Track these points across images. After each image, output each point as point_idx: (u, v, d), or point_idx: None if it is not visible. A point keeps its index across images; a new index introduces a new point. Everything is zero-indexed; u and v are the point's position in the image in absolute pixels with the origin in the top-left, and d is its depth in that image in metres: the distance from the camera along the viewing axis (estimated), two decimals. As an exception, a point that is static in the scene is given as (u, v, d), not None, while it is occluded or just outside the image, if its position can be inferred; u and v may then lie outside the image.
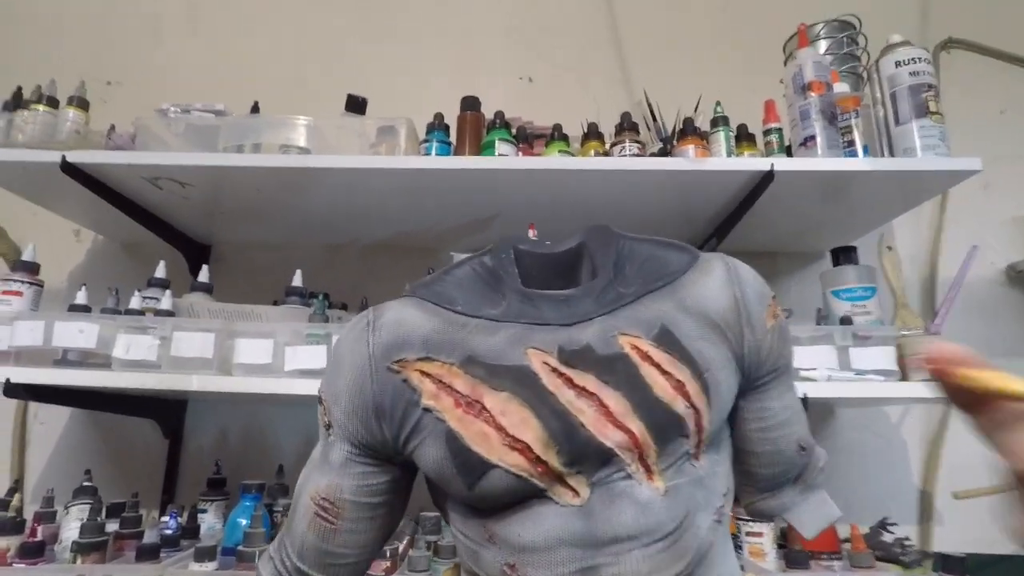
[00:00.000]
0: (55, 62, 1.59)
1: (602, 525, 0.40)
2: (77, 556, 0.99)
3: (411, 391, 0.45)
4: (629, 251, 0.49)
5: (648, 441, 0.41)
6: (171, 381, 1.00)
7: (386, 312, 0.48)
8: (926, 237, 1.50)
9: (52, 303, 1.27)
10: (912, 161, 1.07)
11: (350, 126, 1.18)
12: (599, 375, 0.42)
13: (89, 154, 1.11)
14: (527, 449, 0.41)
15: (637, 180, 1.11)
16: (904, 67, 1.12)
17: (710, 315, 0.46)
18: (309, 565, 0.49)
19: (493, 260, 0.49)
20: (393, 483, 0.50)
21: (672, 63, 1.63)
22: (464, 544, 0.46)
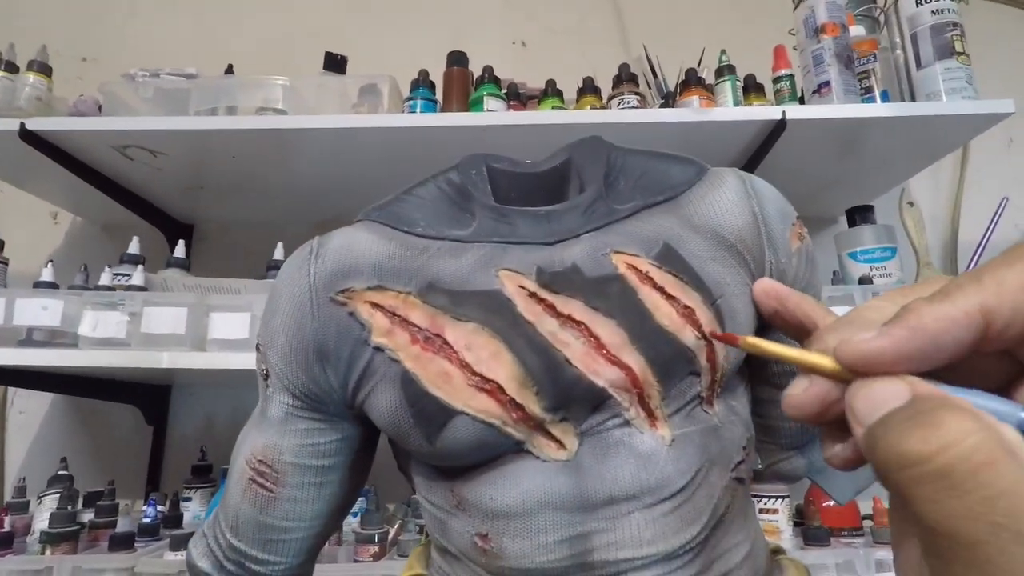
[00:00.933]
0: (27, 38, 1.52)
1: (594, 483, 0.33)
2: (46, 547, 0.93)
3: (359, 327, 0.37)
4: (623, 164, 0.41)
5: (650, 379, 0.33)
6: (140, 359, 0.93)
7: (333, 238, 0.41)
8: (946, 197, 1.41)
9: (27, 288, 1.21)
10: (937, 105, 0.98)
11: (330, 85, 1.11)
12: (588, 300, 0.34)
13: (50, 121, 1.04)
14: (498, 390, 0.33)
15: (637, 134, 1.03)
16: (926, 5, 1.03)
17: (723, 233, 0.38)
18: (245, 542, 0.42)
19: (461, 176, 0.42)
20: (344, 442, 0.42)
21: (673, 24, 1.54)
22: (431, 513, 0.38)
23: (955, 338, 0.18)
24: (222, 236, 1.46)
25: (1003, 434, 0.16)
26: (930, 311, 0.19)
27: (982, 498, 0.15)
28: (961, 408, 0.17)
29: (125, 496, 1.23)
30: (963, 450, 0.15)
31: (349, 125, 1.01)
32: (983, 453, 0.15)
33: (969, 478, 0.15)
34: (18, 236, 1.32)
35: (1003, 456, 0.15)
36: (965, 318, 0.18)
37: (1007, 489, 0.15)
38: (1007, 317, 0.18)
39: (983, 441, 0.16)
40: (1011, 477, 0.15)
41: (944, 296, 0.19)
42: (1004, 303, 0.18)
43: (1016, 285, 0.18)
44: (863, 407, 0.19)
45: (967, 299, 0.18)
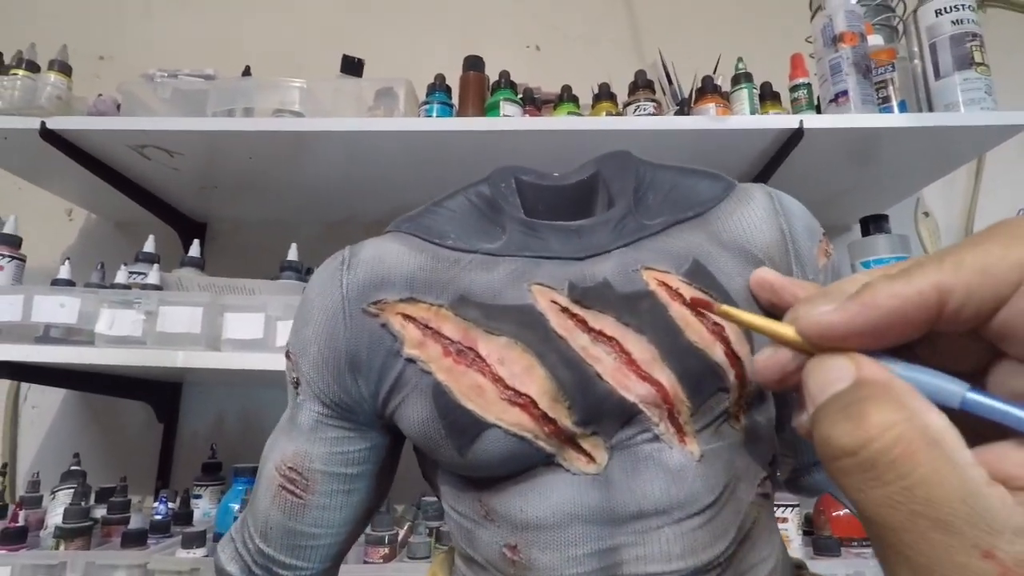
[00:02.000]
0: (45, 37, 1.53)
1: (623, 497, 0.33)
2: (60, 542, 0.94)
3: (391, 338, 0.37)
4: (652, 179, 0.42)
5: (680, 395, 0.33)
6: (156, 357, 0.94)
7: (364, 248, 0.41)
8: (960, 207, 1.41)
9: (43, 285, 1.22)
10: (955, 116, 0.98)
11: (346, 88, 1.11)
12: (619, 316, 0.34)
13: (70, 120, 1.05)
14: (531, 404, 0.33)
15: (653, 141, 1.03)
16: (945, 15, 1.03)
17: (751, 250, 0.38)
18: (274, 547, 0.42)
19: (491, 189, 0.42)
20: (372, 451, 0.42)
21: (688, 31, 1.54)
22: (457, 522, 0.38)
23: (907, 316, 0.18)
24: (235, 235, 1.47)
25: (928, 423, 0.17)
26: (886, 288, 0.19)
27: (901, 488, 0.16)
28: (888, 399, 0.17)
29: (135, 493, 1.24)
30: (884, 443, 0.16)
31: (365, 128, 1.02)
32: (903, 444, 0.16)
33: (890, 469, 0.16)
34: (33, 232, 1.33)
35: (922, 446, 0.16)
36: (918, 296, 0.18)
37: (925, 478, 0.16)
38: (961, 298, 0.18)
39: (904, 432, 0.16)
40: (929, 467, 0.16)
41: (904, 274, 0.19)
42: (960, 284, 0.18)
43: (974, 267, 0.18)
44: (814, 386, 0.19)
45: (924, 278, 0.18)
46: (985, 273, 0.18)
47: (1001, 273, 0.17)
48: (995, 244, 0.18)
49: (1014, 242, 0.18)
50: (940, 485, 0.16)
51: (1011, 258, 0.17)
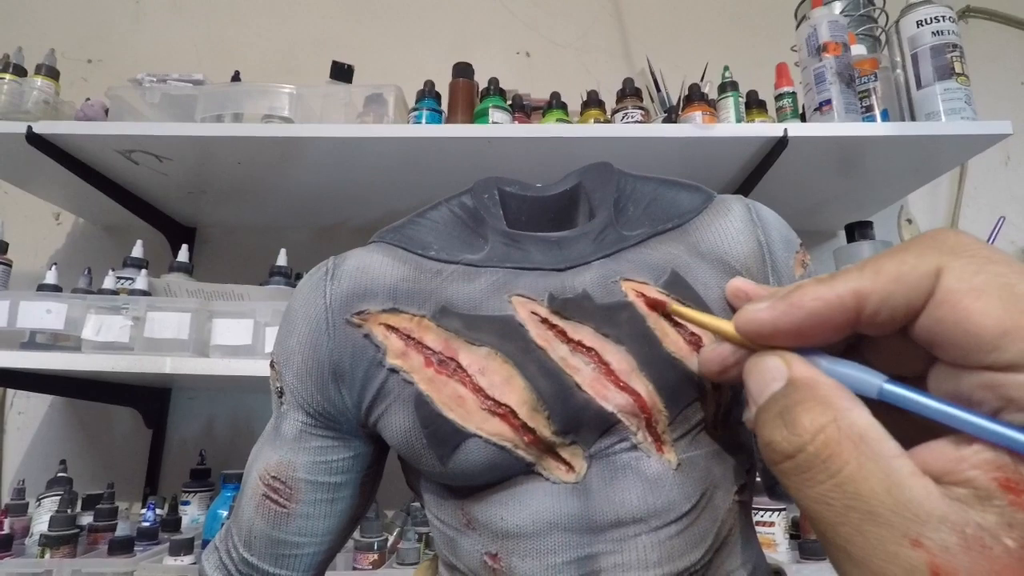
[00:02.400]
0: (33, 40, 1.53)
1: (602, 506, 0.33)
2: (45, 550, 0.93)
3: (374, 348, 0.38)
4: (632, 190, 0.42)
5: (657, 405, 0.34)
6: (144, 363, 0.93)
7: (348, 259, 0.41)
8: (943, 214, 1.43)
9: (29, 290, 1.21)
10: (936, 125, 1.00)
11: (335, 94, 1.11)
12: (598, 327, 0.35)
13: (57, 125, 1.04)
14: (511, 414, 0.33)
15: (640, 149, 1.04)
16: (926, 26, 1.05)
17: (729, 261, 0.39)
18: (258, 556, 0.42)
19: (474, 200, 0.42)
20: (356, 460, 0.43)
21: (676, 39, 1.56)
22: (440, 531, 0.39)
23: (828, 318, 0.20)
24: (224, 239, 1.46)
25: (853, 420, 0.18)
26: (811, 291, 0.20)
27: (833, 485, 0.17)
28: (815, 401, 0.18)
29: (123, 499, 1.23)
30: (816, 445, 0.17)
31: (354, 134, 1.02)
32: (831, 445, 0.17)
33: (822, 469, 0.17)
34: (20, 236, 1.32)
35: (848, 445, 0.17)
36: (837, 300, 0.19)
37: (852, 474, 0.17)
38: (876, 303, 0.19)
39: (831, 434, 0.17)
40: (855, 463, 0.17)
41: (829, 279, 0.20)
42: (876, 290, 0.19)
43: (889, 274, 0.19)
44: (753, 385, 0.21)
45: (845, 284, 0.20)
46: (899, 281, 0.19)
47: (913, 281, 0.18)
48: (911, 254, 0.19)
49: (928, 252, 0.19)
50: (865, 479, 0.17)
51: (922, 267, 0.18)
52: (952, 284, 0.18)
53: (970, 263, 0.18)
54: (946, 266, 0.18)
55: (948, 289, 0.18)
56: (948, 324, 0.18)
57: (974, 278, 0.18)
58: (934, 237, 0.19)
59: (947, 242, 0.19)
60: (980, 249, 0.18)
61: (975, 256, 0.18)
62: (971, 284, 0.17)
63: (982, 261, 0.18)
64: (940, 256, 0.18)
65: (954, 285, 0.18)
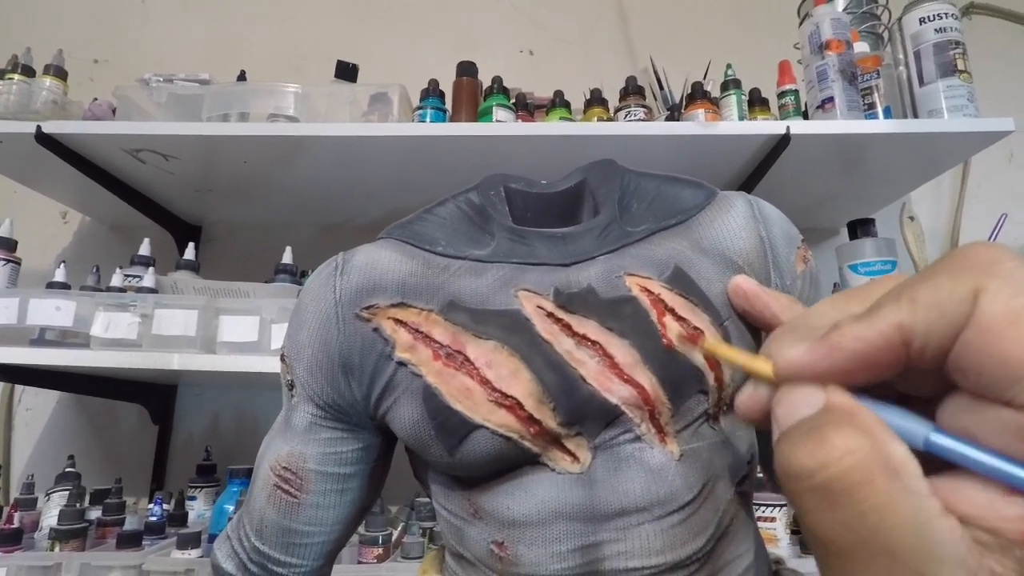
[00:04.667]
0: (41, 40, 1.54)
1: (606, 495, 0.34)
2: (55, 543, 0.94)
3: (383, 342, 0.39)
4: (636, 187, 0.43)
5: (661, 397, 0.35)
6: (151, 360, 0.94)
7: (357, 254, 0.42)
8: (946, 211, 1.43)
9: (37, 288, 1.23)
10: (939, 123, 1.00)
11: (340, 94, 1.12)
12: (602, 321, 0.36)
13: (66, 124, 1.05)
14: (517, 406, 0.34)
15: (643, 147, 1.05)
16: (929, 23, 1.05)
17: (731, 256, 0.39)
18: (269, 545, 0.43)
19: (480, 197, 0.43)
20: (365, 451, 0.43)
21: (679, 37, 1.56)
22: (447, 520, 0.39)
23: (875, 358, 0.18)
24: (230, 238, 1.47)
25: (890, 453, 0.17)
26: (851, 331, 0.18)
27: (855, 513, 0.16)
28: (851, 425, 0.17)
29: (130, 494, 1.25)
30: (842, 468, 0.16)
31: (359, 133, 1.03)
32: (860, 471, 0.16)
33: (844, 494, 0.16)
34: (28, 234, 1.33)
35: (880, 475, 0.16)
36: (882, 339, 0.18)
37: (878, 506, 0.16)
38: (923, 337, 0.17)
39: (862, 459, 0.16)
40: (883, 496, 0.16)
41: (867, 315, 0.18)
42: (918, 322, 0.17)
43: (927, 303, 0.17)
44: (782, 413, 0.19)
45: (884, 320, 0.18)
46: (938, 309, 0.17)
47: (952, 307, 0.17)
48: (946, 276, 0.18)
49: (964, 273, 0.17)
50: (894, 514, 0.16)
51: (959, 291, 0.17)
52: (988, 307, 0.16)
53: (1007, 284, 0.16)
54: (983, 287, 0.17)
55: (985, 313, 0.16)
56: (975, 349, 0.17)
57: (1012, 301, 0.16)
58: (967, 255, 0.18)
59: (981, 259, 0.17)
60: (1018, 267, 0.17)
61: (1012, 276, 0.17)
62: (1009, 307, 0.16)
63: (1021, 281, 0.16)
64: (977, 276, 0.17)
65: (990, 309, 0.16)
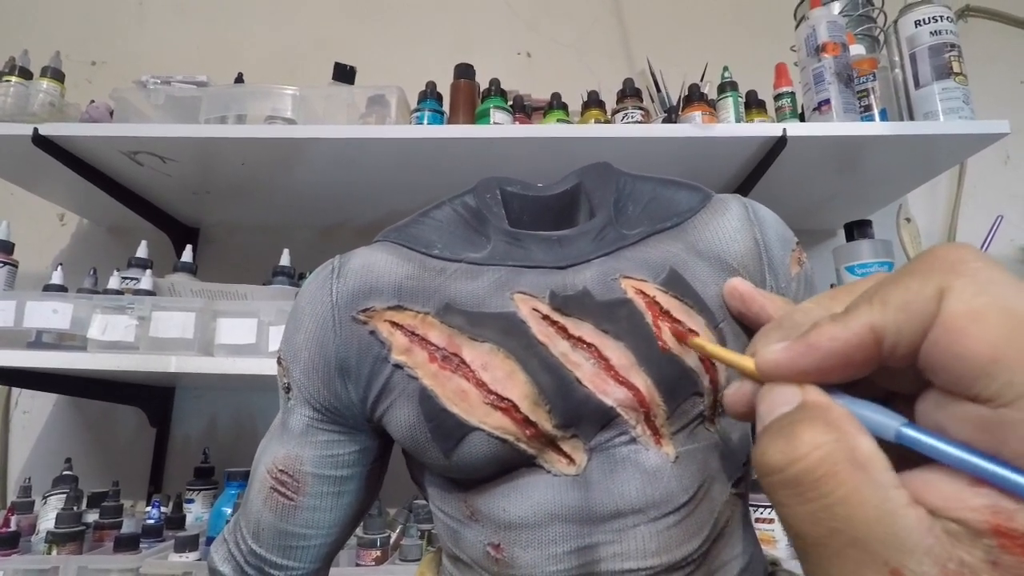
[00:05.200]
0: (38, 42, 1.54)
1: (602, 497, 0.34)
2: (52, 547, 0.94)
3: (380, 345, 0.39)
4: (631, 189, 0.43)
5: (656, 399, 0.35)
6: (149, 362, 0.94)
7: (353, 258, 0.42)
8: (942, 212, 1.44)
9: (34, 290, 1.22)
10: (934, 125, 1.00)
11: (338, 96, 1.12)
12: (598, 323, 0.36)
13: (63, 127, 1.05)
14: (513, 408, 0.34)
15: (640, 149, 1.05)
16: (924, 26, 1.06)
17: (726, 259, 0.40)
18: (266, 547, 0.43)
19: (476, 200, 0.43)
20: (362, 454, 0.44)
21: (676, 39, 1.56)
22: (443, 523, 0.40)
23: (849, 357, 0.19)
24: (228, 240, 1.47)
25: (855, 447, 0.17)
26: (827, 330, 0.19)
27: (823, 505, 0.17)
28: (821, 421, 0.18)
29: (128, 497, 1.24)
30: (810, 462, 0.17)
31: (357, 135, 1.03)
32: (827, 465, 0.17)
33: (813, 487, 0.17)
34: (25, 237, 1.33)
35: (845, 468, 0.17)
36: (855, 338, 0.19)
37: (845, 498, 0.16)
38: (893, 336, 0.18)
39: (829, 453, 0.17)
40: (850, 487, 0.17)
41: (843, 316, 0.19)
42: (889, 322, 0.18)
43: (897, 304, 0.18)
44: (763, 409, 0.21)
45: (858, 320, 0.19)
46: (906, 309, 0.18)
47: (919, 307, 0.18)
48: (914, 277, 0.18)
49: (930, 273, 0.18)
50: (860, 505, 0.16)
51: (926, 291, 0.18)
52: (952, 306, 0.17)
53: (971, 283, 0.17)
54: (948, 286, 0.17)
55: (948, 312, 0.17)
56: (941, 347, 0.17)
57: (974, 299, 0.17)
58: (935, 255, 0.19)
59: (948, 259, 0.18)
60: (983, 267, 0.17)
61: (976, 275, 0.17)
62: (970, 306, 0.17)
63: (984, 281, 0.17)
64: (943, 276, 0.18)
65: (954, 307, 0.17)
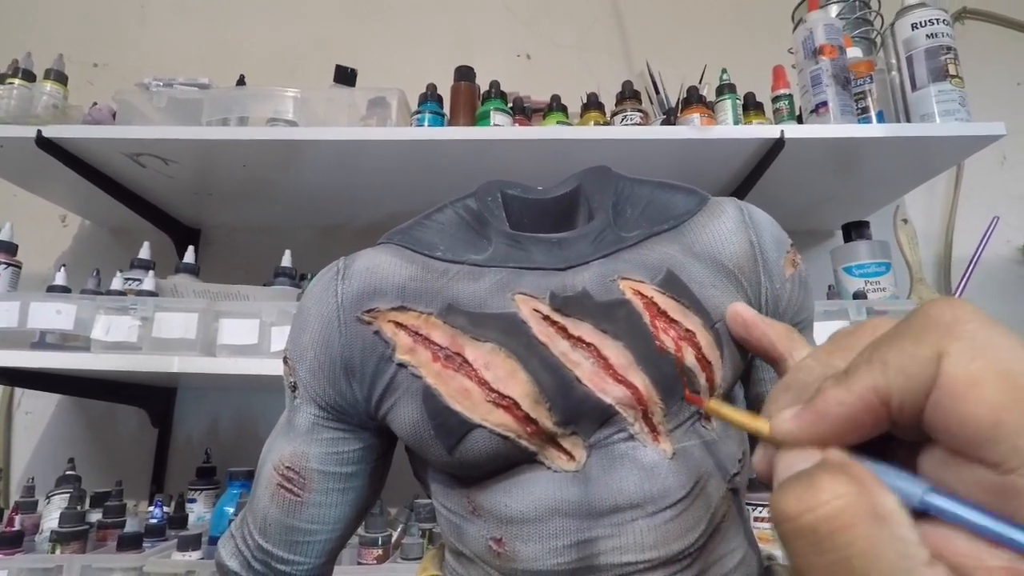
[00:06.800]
0: (40, 44, 1.54)
1: (600, 492, 0.35)
2: (56, 546, 0.95)
3: (384, 344, 0.40)
4: (630, 193, 0.44)
5: (653, 397, 0.36)
6: (152, 363, 0.95)
7: (358, 259, 0.43)
8: (940, 213, 1.44)
9: (38, 291, 1.23)
10: (930, 127, 1.01)
11: (339, 98, 1.13)
12: (597, 323, 0.37)
13: (66, 129, 1.06)
14: (514, 406, 0.35)
15: (639, 151, 1.06)
16: (921, 29, 1.06)
17: (722, 261, 0.41)
18: (273, 543, 0.44)
19: (478, 203, 0.44)
20: (367, 451, 0.45)
21: (675, 41, 1.57)
22: (446, 518, 0.41)
23: (857, 420, 0.19)
24: (229, 241, 1.48)
25: (878, 501, 0.17)
26: (833, 396, 0.19)
27: (841, 557, 0.16)
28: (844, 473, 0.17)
29: (130, 497, 1.25)
30: (828, 511, 0.17)
31: (358, 137, 1.04)
32: (846, 516, 0.16)
33: (828, 538, 0.16)
34: (28, 238, 1.34)
35: (865, 520, 0.16)
36: (860, 403, 0.19)
37: (862, 551, 0.16)
38: (898, 399, 0.18)
39: (849, 504, 0.17)
40: (868, 541, 0.16)
41: (845, 378, 0.19)
42: (891, 385, 0.18)
43: (896, 367, 0.18)
44: (780, 468, 0.20)
45: (860, 383, 0.19)
46: (904, 373, 0.18)
47: (918, 371, 0.18)
48: (909, 340, 0.18)
49: (926, 336, 0.18)
50: (877, 559, 0.16)
51: (922, 354, 0.18)
52: (951, 370, 0.17)
53: (968, 347, 0.17)
54: (945, 351, 0.17)
55: (947, 376, 0.17)
56: (943, 412, 0.17)
57: (971, 364, 0.17)
58: (930, 315, 0.18)
59: (943, 320, 0.18)
60: (979, 329, 0.17)
61: (973, 338, 0.17)
62: (968, 371, 0.17)
63: (981, 345, 0.17)
64: (938, 338, 0.18)
65: (952, 371, 0.17)
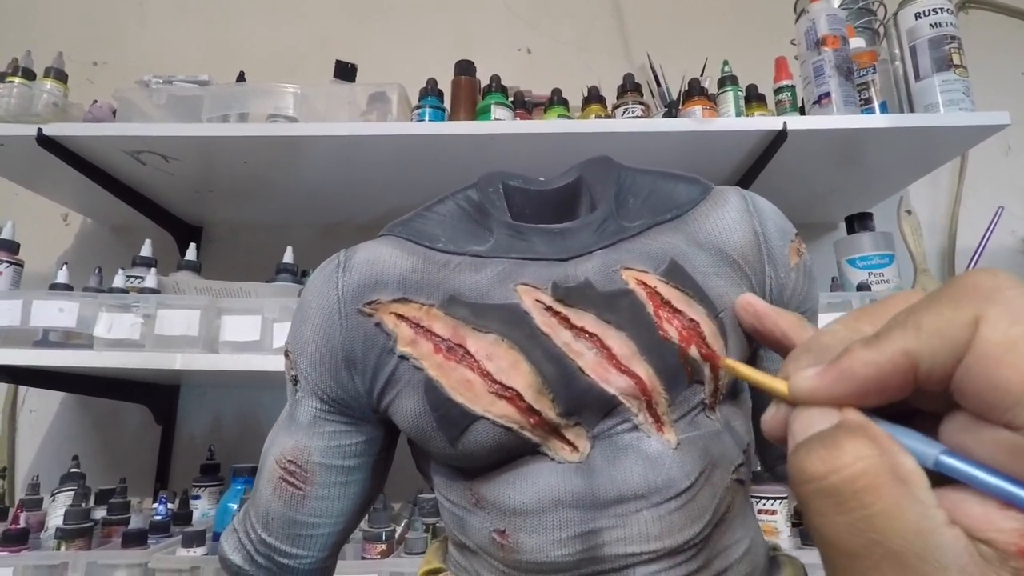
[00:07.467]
0: (39, 42, 1.54)
1: (605, 483, 0.35)
2: (61, 543, 0.95)
3: (385, 337, 0.39)
4: (632, 182, 0.44)
5: (657, 387, 0.35)
6: (154, 360, 0.95)
7: (358, 251, 0.43)
8: (944, 204, 1.44)
9: (40, 289, 1.23)
10: (934, 117, 1.01)
11: (339, 93, 1.13)
12: (600, 314, 0.37)
13: (66, 127, 1.06)
14: (517, 397, 0.35)
15: (641, 143, 1.05)
16: (924, 19, 1.06)
17: (726, 250, 0.40)
18: (275, 536, 0.44)
19: (479, 194, 0.44)
20: (368, 444, 0.44)
21: (676, 34, 1.56)
22: (449, 511, 0.40)
23: (885, 382, 0.19)
24: (231, 238, 1.48)
25: (899, 463, 0.17)
26: (861, 356, 0.19)
27: (862, 516, 0.17)
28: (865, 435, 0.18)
29: (135, 494, 1.25)
30: (852, 472, 0.17)
31: (358, 133, 1.04)
32: (869, 476, 0.17)
33: (852, 497, 0.17)
34: (30, 237, 1.34)
35: (888, 481, 0.17)
36: (890, 364, 0.19)
37: (884, 511, 0.16)
38: (928, 362, 0.18)
39: (871, 466, 0.17)
40: (890, 500, 0.17)
41: (875, 340, 0.19)
42: (924, 348, 0.18)
43: (930, 330, 0.18)
44: (797, 428, 0.20)
45: (892, 345, 0.19)
46: (940, 335, 0.18)
47: (954, 334, 0.18)
48: (947, 305, 0.18)
49: (965, 301, 0.18)
50: (899, 519, 0.16)
51: (960, 319, 0.18)
52: (988, 335, 0.17)
53: (1007, 312, 0.17)
54: (983, 315, 0.17)
55: (984, 340, 0.17)
56: (975, 375, 0.17)
57: (1011, 329, 0.17)
58: (970, 281, 0.19)
59: (983, 286, 0.18)
60: (1018, 295, 0.18)
61: (1013, 303, 0.17)
62: (1007, 335, 0.17)
63: (1020, 310, 0.17)
64: (978, 303, 0.18)
65: (989, 336, 0.17)
